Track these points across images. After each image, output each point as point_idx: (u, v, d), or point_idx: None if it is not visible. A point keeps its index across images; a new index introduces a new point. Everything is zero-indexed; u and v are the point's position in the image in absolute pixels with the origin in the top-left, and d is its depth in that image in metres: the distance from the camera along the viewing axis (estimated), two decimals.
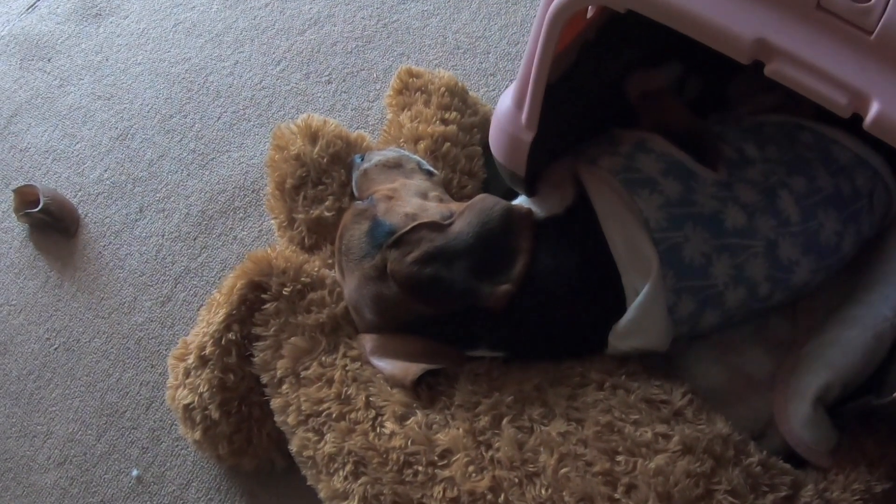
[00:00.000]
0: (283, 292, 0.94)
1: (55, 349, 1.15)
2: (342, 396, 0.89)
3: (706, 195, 0.89)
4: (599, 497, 0.80)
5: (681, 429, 0.84)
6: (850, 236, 0.93)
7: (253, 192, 1.21)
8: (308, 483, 0.91)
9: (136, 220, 1.22)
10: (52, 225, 1.22)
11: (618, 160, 0.91)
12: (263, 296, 0.95)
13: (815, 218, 0.90)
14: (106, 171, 1.28)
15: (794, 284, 0.91)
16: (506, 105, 0.86)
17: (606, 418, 0.85)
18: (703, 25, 0.63)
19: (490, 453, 0.84)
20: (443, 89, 1.08)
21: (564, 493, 0.80)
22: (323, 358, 0.92)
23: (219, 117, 1.29)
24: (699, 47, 0.67)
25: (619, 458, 0.82)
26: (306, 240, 1.02)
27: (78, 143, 1.31)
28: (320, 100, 1.28)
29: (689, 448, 0.83)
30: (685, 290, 0.88)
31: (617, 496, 0.80)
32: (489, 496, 0.81)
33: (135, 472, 1.05)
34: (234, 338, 0.95)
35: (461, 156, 1.03)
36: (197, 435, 0.98)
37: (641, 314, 0.87)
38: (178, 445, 1.06)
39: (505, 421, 0.85)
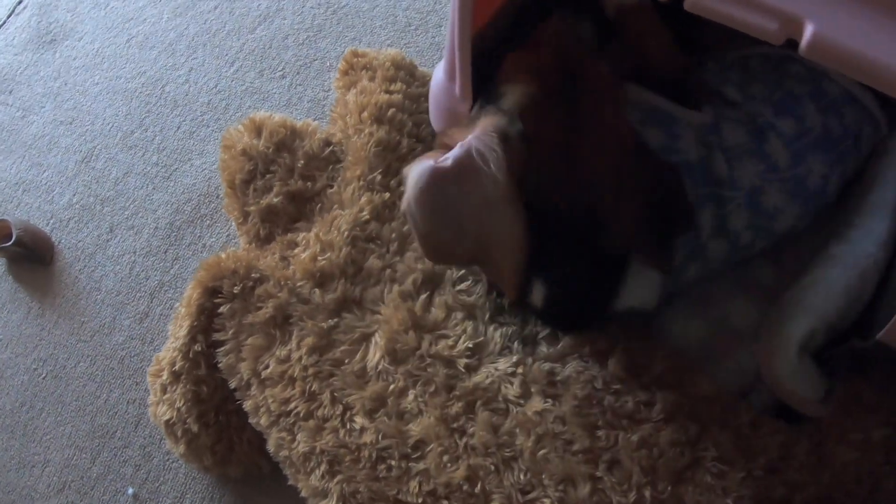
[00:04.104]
0: (235, 291, 0.88)
1: (43, 378, 1.10)
2: (306, 394, 0.83)
3: (691, 141, 0.79)
4: (580, 477, 0.72)
5: (663, 395, 0.76)
6: (835, 178, 0.83)
7: (217, 197, 1.14)
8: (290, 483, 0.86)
9: (108, 241, 1.16)
10: (28, 256, 1.17)
11: None
12: (216, 300, 0.88)
13: (804, 162, 0.80)
14: (74, 195, 1.21)
15: (778, 231, 0.82)
16: (438, 78, 0.78)
17: (585, 391, 0.76)
18: None
19: (464, 440, 0.76)
20: (387, 63, 1.00)
21: (544, 477, 0.73)
22: (279, 352, 0.85)
23: (178, 127, 1.22)
24: None
25: (600, 432, 0.74)
26: (260, 231, 0.96)
27: (45, 171, 1.25)
28: (276, 96, 1.20)
29: (673, 415, 0.74)
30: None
31: (599, 474, 0.72)
32: (466, 486, 0.74)
33: (130, 491, 1.01)
34: (200, 349, 0.91)
35: (408, 121, 0.95)
36: (181, 449, 0.94)
37: (635, 282, 0.78)
38: (169, 459, 1.02)
39: (478, 404, 0.77)
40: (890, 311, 0.70)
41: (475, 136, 0.66)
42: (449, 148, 0.69)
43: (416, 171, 0.67)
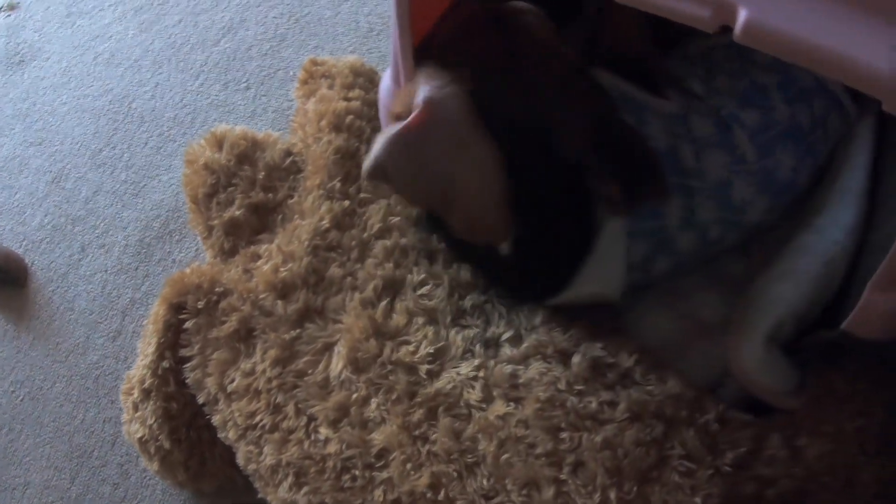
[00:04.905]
0: (199, 306, 0.87)
1: (21, 400, 1.10)
2: (271, 406, 0.81)
3: (659, 129, 0.78)
4: (544, 480, 0.70)
5: (627, 394, 0.74)
6: (806, 169, 0.81)
7: (186, 212, 1.13)
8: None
9: (80, 260, 1.16)
10: (2, 279, 1.16)
11: None
12: (181, 316, 0.87)
13: (772, 154, 0.78)
14: (46, 216, 1.21)
15: (748, 225, 0.80)
16: (386, 84, 0.77)
17: (548, 393, 0.75)
18: None
19: (427, 447, 0.74)
20: (346, 71, 0.99)
21: (507, 482, 0.71)
22: (244, 366, 0.84)
23: (146, 143, 1.21)
24: None
25: (563, 434, 0.72)
26: (225, 244, 0.94)
27: (17, 192, 1.24)
28: (241, 108, 1.19)
29: (638, 414, 0.73)
30: (638, 233, 0.77)
31: (563, 476, 0.70)
32: (429, 494, 0.72)
33: None
34: (168, 366, 0.89)
35: (367, 127, 0.93)
36: (155, 465, 0.93)
37: (602, 255, 0.76)
38: (145, 476, 1.01)
39: (440, 410, 0.76)
40: (857, 300, 0.68)
41: (425, 90, 0.66)
42: (400, 118, 0.68)
43: (383, 138, 0.67)
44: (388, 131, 0.68)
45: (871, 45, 0.52)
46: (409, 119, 0.67)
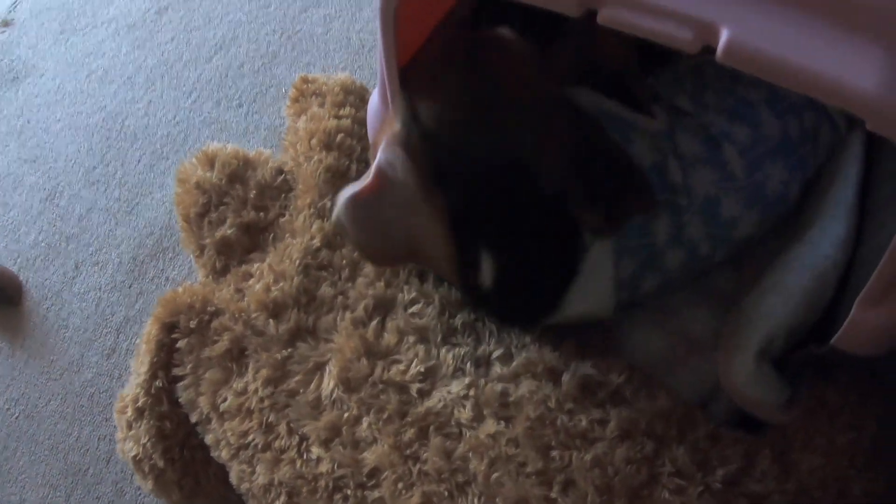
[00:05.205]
0: (191, 326, 0.87)
1: (16, 418, 1.10)
2: (264, 425, 0.81)
3: (644, 146, 0.77)
4: (535, 499, 0.70)
5: (617, 412, 0.74)
6: (796, 183, 0.80)
7: (178, 230, 1.13)
8: None
9: (74, 278, 1.16)
10: None
11: None
12: (174, 335, 0.87)
13: (761, 170, 0.78)
14: (40, 233, 1.21)
15: (738, 240, 0.80)
16: (374, 103, 0.77)
17: (538, 411, 0.74)
18: None
19: (418, 467, 0.74)
20: (336, 89, 0.99)
21: (498, 500, 0.71)
22: (236, 385, 0.83)
23: (139, 160, 1.21)
24: None
25: (554, 453, 0.72)
26: (217, 263, 0.94)
27: (11, 210, 1.24)
28: (233, 125, 1.19)
29: (628, 432, 0.72)
30: (625, 251, 0.76)
31: (553, 495, 0.70)
32: None
33: None
34: (161, 385, 0.89)
35: (357, 146, 0.93)
36: (149, 484, 0.92)
37: (590, 275, 0.76)
38: (140, 494, 1.01)
39: (431, 429, 0.76)
40: (848, 314, 0.68)
41: (381, 151, 0.70)
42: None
43: (341, 199, 0.72)
44: (344, 193, 0.73)
45: (854, 65, 0.52)
46: (361, 186, 0.72)
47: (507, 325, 0.82)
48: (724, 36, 0.51)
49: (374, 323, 0.82)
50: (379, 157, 0.71)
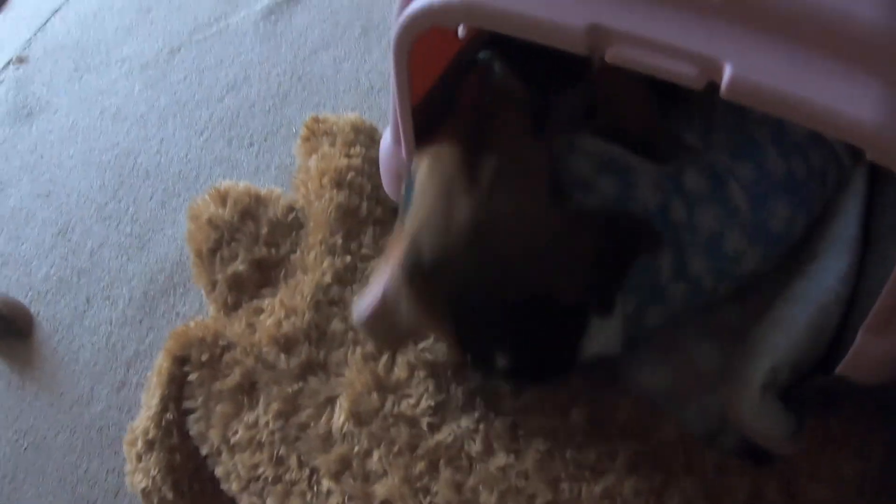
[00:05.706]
0: (203, 359, 0.89)
1: (25, 450, 1.10)
2: (274, 458, 0.83)
3: (648, 187, 0.79)
4: None
5: (626, 445, 0.76)
6: (801, 220, 0.82)
7: (190, 266, 1.14)
8: None
9: (85, 312, 1.17)
10: (7, 329, 1.17)
11: None
12: (185, 369, 0.88)
13: (764, 206, 0.80)
14: (52, 267, 1.22)
15: (741, 274, 0.82)
16: (387, 143, 0.79)
17: (547, 444, 0.76)
18: (533, 24, 0.56)
19: (428, 499, 0.75)
20: (347, 128, 1.02)
21: None
22: (247, 418, 0.85)
23: (151, 197, 1.23)
24: None
25: (563, 485, 0.74)
26: (228, 299, 0.96)
27: (23, 244, 1.26)
28: (244, 164, 1.21)
29: (637, 464, 0.74)
30: (629, 287, 0.77)
31: None
32: None
33: None
34: (171, 417, 0.90)
35: (367, 184, 0.96)
36: None
37: (598, 328, 0.76)
38: None
39: (442, 462, 0.77)
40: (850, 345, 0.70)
41: (386, 280, 0.72)
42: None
43: (355, 313, 0.77)
44: (356, 309, 0.77)
45: (853, 97, 0.53)
46: (364, 310, 0.75)
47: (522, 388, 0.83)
48: (727, 72, 0.53)
49: (384, 358, 0.84)
50: (382, 288, 0.73)
